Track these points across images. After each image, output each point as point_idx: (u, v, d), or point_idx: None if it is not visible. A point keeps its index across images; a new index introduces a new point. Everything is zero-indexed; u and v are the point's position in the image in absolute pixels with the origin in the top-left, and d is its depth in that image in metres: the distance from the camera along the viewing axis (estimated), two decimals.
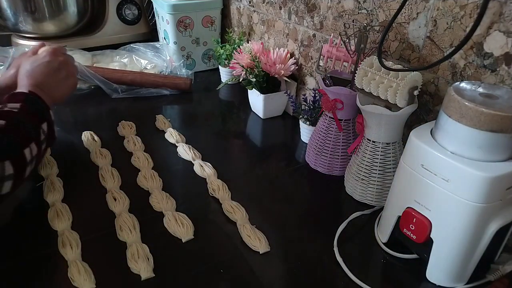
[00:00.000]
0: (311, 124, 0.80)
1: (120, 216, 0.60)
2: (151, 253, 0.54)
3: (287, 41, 0.93)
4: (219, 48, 1.07)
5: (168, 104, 1.00)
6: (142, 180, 0.69)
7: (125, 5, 1.30)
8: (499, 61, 0.51)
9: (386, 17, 0.65)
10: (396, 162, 0.61)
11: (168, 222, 0.60)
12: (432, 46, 0.59)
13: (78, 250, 0.54)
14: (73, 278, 0.50)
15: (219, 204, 0.64)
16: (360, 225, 0.61)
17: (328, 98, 0.68)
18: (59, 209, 0.60)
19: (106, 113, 0.93)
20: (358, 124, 0.64)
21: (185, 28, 1.10)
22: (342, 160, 0.72)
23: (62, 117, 0.91)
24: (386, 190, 0.63)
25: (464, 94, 0.45)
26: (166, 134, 0.84)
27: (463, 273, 0.50)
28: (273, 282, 0.51)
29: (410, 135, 0.50)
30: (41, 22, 1.18)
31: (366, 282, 0.51)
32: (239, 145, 0.85)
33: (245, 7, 1.08)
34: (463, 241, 0.47)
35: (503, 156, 0.45)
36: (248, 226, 0.59)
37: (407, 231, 0.52)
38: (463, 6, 0.54)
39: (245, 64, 0.88)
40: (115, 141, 0.81)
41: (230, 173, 0.72)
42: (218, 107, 1.02)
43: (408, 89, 0.55)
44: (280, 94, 0.91)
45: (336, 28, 0.77)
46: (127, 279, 0.51)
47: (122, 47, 1.15)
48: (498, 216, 0.46)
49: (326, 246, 0.57)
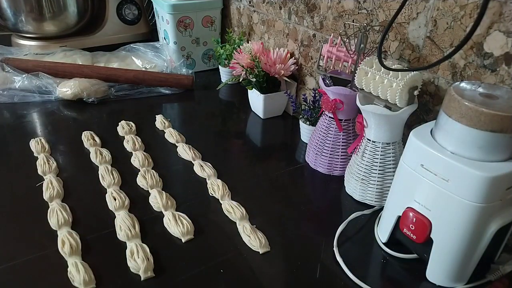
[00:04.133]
0: (311, 124, 0.80)
1: (120, 216, 0.60)
2: (151, 253, 0.54)
3: (287, 41, 0.93)
4: (219, 48, 1.07)
5: (168, 104, 1.00)
6: (142, 180, 0.69)
7: (125, 5, 1.31)
8: (499, 61, 0.51)
9: (386, 17, 0.65)
10: (396, 162, 0.61)
11: (168, 222, 0.60)
12: (432, 46, 0.59)
13: (78, 250, 0.54)
14: (73, 278, 0.50)
15: (219, 204, 0.64)
16: (360, 225, 0.61)
17: (328, 98, 0.68)
18: (59, 209, 0.60)
19: (106, 113, 0.93)
20: (358, 124, 0.64)
21: (185, 28, 1.10)
22: (342, 160, 0.72)
23: (62, 117, 0.91)
24: (386, 190, 0.63)
25: (464, 94, 0.45)
26: (166, 134, 0.84)
27: (463, 273, 0.50)
28: (273, 282, 0.51)
29: (410, 135, 0.50)
30: (41, 22, 1.18)
31: (366, 282, 0.51)
32: (239, 145, 0.85)
33: (245, 7, 1.08)
34: (463, 241, 0.47)
35: (503, 156, 0.45)
36: (248, 226, 0.59)
37: (407, 231, 0.52)
38: (463, 6, 0.54)
39: (245, 64, 0.88)
40: (115, 141, 0.81)
41: (230, 173, 0.72)
42: (218, 107, 1.02)
43: (408, 89, 0.55)
44: (280, 94, 0.91)
45: (336, 28, 0.77)
46: (127, 279, 0.51)
47: (122, 47, 1.15)
48: (498, 216, 0.46)
49: (326, 246, 0.57)
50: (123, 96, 1.00)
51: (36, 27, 1.18)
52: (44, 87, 0.97)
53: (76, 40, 1.26)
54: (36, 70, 0.99)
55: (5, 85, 0.97)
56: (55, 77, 0.99)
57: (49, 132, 0.85)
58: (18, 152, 0.77)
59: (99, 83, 0.99)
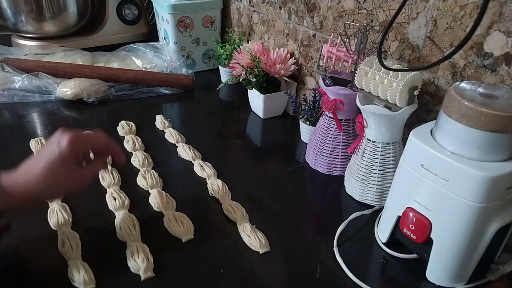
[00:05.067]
0: (311, 124, 0.80)
1: (120, 216, 0.60)
2: (151, 253, 0.54)
3: (287, 41, 0.93)
4: (219, 48, 1.07)
5: (168, 104, 1.00)
6: (142, 180, 0.69)
7: (125, 5, 1.30)
8: (499, 61, 0.51)
9: (386, 17, 0.65)
10: (396, 162, 0.61)
11: (168, 222, 0.60)
12: (432, 46, 0.59)
13: (78, 250, 0.54)
14: (73, 278, 0.50)
15: (219, 204, 0.64)
16: (360, 225, 0.61)
17: (328, 98, 0.68)
18: (59, 210, 0.60)
19: (106, 113, 0.93)
20: (358, 124, 0.64)
21: (185, 28, 1.10)
22: (342, 160, 0.72)
23: (62, 117, 0.91)
24: (386, 190, 0.63)
25: (464, 94, 0.45)
26: (166, 134, 0.84)
27: (463, 273, 0.50)
28: (273, 282, 0.51)
29: (410, 135, 0.50)
30: (41, 22, 1.18)
31: (366, 282, 0.51)
32: (239, 145, 0.85)
33: (245, 7, 1.08)
34: (463, 241, 0.47)
35: (503, 156, 0.45)
36: (248, 226, 0.59)
37: (407, 231, 0.52)
38: (463, 6, 0.54)
39: (245, 64, 0.88)
40: (115, 141, 0.81)
41: (230, 173, 0.72)
42: (218, 107, 1.02)
43: (408, 89, 0.55)
44: (280, 94, 0.91)
45: (336, 28, 0.77)
46: (127, 279, 0.51)
47: (122, 47, 1.15)
48: (498, 216, 0.46)
49: (326, 246, 0.57)
50: (123, 96, 1.00)
51: (36, 27, 1.18)
52: (44, 87, 0.97)
53: (76, 40, 1.26)
54: (36, 70, 0.98)
55: (5, 85, 0.97)
56: (55, 77, 0.99)
57: (49, 132, 0.85)
58: (18, 152, 0.77)
59: (99, 83, 0.99)
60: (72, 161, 0.51)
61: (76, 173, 0.52)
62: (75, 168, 0.51)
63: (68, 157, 0.50)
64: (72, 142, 0.50)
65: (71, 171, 0.51)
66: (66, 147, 0.49)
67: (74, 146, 0.50)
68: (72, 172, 0.51)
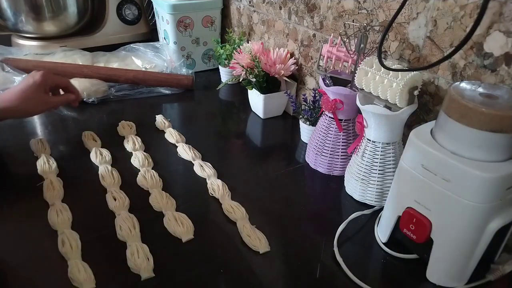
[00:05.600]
0: (311, 124, 0.80)
1: (120, 216, 0.60)
2: (151, 253, 0.54)
3: (287, 41, 0.93)
4: (219, 48, 1.07)
5: (168, 104, 1.00)
6: (142, 180, 0.69)
7: (125, 5, 1.30)
8: (499, 61, 0.51)
9: (386, 17, 0.65)
10: (396, 162, 0.61)
11: (168, 222, 0.59)
12: (432, 46, 0.59)
13: (78, 250, 0.54)
14: (73, 278, 0.50)
15: (219, 204, 0.64)
16: (360, 225, 0.61)
17: (328, 98, 0.68)
18: (59, 209, 0.60)
19: (106, 113, 0.93)
20: (358, 124, 0.64)
21: (185, 28, 1.10)
22: (342, 160, 0.72)
23: (62, 117, 0.91)
24: (386, 190, 0.63)
25: (464, 94, 0.45)
26: (166, 134, 0.84)
27: (463, 273, 0.50)
28: (273, 282, 0.51)
29: (410, 135, 0.50)
30: (41, 22, 1.18)
31: (366, 282, 0.51)
32: (239, 145, 0.85)
33: (245, 7, 1.08)
34: (463, 241, 0.47)
35: (503, 156, 0.45)
36: (248, 226, 0.59)
37: (407, 231, 0.52)
38: (463, 6, 0.54)
39: (245, 64, 0.88)
40: (115, 141, 0.81)
41: (230, 173, 0.72)
42: (218, 107, 1.02)
43: (408, 89, 0.55)
44: (280, 94, 0.91)
45: (336, 28, 0.77)
46: (127, 279, 0.51)
47: (122, 47, 1.15)
48: (498, 216, 0.46)
49: (326, 246, 0.57)
50: (123, 96, 1.00)
51: (36, 27, 1.18)
52: None
53: (76, 40, 1.26)
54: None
55: (5, 85, 0.97)
56: None
57: (49, 132, 0.85)
58: (18, 152, 0.77)
59: (99, 83, 0.99)
60: (42, 89, 0.72)
61: (44, 98, 0.73)
62: (44, 95, 0.73)
63: (39, 85, 0.71)
64: (44, 75, 0.71)
65: (41, 95, 0.72)
66: (39, 78, 0.71)
67: (44, 78, 0.71)
68: (41, 96, 0.72)
